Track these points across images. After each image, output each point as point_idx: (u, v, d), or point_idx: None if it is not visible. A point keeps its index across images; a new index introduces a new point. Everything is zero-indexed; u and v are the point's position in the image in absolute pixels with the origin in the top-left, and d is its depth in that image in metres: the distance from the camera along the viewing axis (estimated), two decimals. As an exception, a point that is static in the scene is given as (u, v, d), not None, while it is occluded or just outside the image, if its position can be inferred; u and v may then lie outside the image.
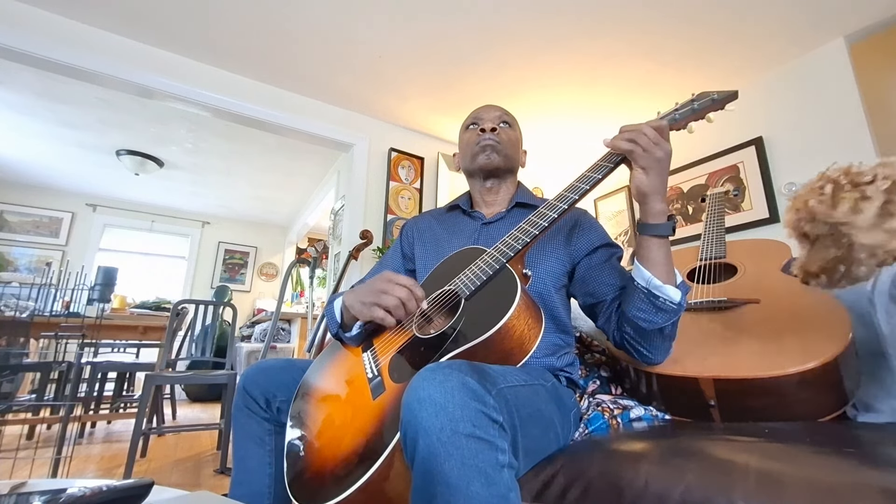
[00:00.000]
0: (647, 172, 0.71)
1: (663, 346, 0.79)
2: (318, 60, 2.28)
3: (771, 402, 0.73)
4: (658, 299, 0.73)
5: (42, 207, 4.29)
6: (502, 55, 2.22)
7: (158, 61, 2.18)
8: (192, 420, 3.16)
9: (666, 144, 0.72)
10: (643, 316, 0.74)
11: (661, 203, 0.73)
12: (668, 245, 0.75)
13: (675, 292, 0.73)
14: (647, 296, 0.74)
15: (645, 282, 0.74)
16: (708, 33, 2.04)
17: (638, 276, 0.75)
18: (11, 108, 2.89)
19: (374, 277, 0.80)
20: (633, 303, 0.76)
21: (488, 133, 0.99)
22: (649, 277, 0.73)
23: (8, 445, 1.87)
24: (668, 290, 0.72)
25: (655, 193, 0.72)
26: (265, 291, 5.29)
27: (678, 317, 0.75)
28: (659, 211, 0.73)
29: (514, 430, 0.57)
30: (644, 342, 0.78)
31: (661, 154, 0.71)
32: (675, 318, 0.75)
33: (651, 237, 0.74)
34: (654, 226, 0.74)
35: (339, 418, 0.66)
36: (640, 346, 0.79)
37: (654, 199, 0.73)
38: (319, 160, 3.59)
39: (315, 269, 2.46)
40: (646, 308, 0.74)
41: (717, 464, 0.56)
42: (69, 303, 2.63)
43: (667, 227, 0.74)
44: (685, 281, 0.76)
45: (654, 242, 0.74)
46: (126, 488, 0.51)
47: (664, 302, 0.72)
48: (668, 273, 0.74)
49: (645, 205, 0.74)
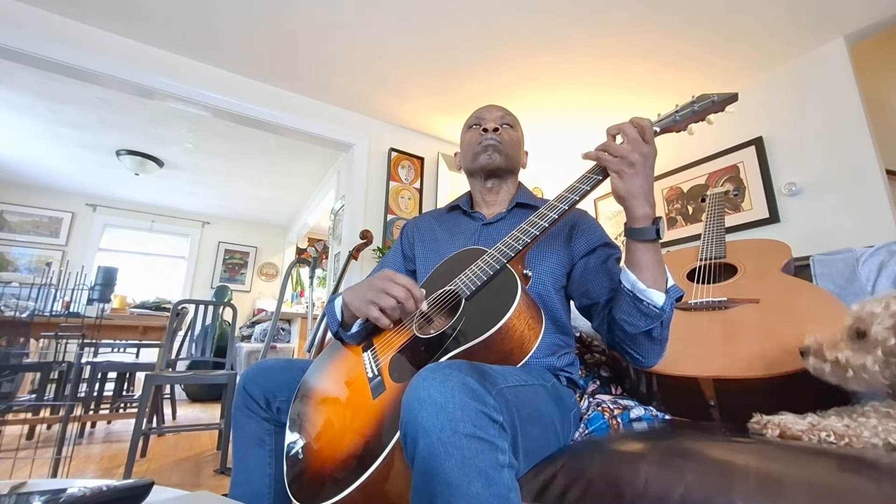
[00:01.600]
0: (621, 176, 0.70)
1: (653, 349, 0.78)
2: (319, 60, 2.28)
3: (771, 402, 0.73)
4: (641, 303, 0.72)
5: (42, 207, 4.29)
6: (502, 55, 2.22)
7: (158, 61, 2.18)
8: (192, 420, 3.16)
9: (644, 146, 0.70)
10: (628, 319, 0.74)
11: (644, 206, 0.71)
12: (657, 248, 0.73)
13: (659, 297, 0.71)
14: (632, 300, 0.73)
15: (630, 285, 0.73)
16: (708, 33, 2.04)
17: (624, 280, 0.74)
18: (11, 108, 2.89)
19: (374, 275, 0.80)
20: (619, 306, 0.75)
21: (490, 133, 0.99)
22: (634, 281, 0.72)
23: (8, 445, 1.87)
24: (652, 294, 0.71)
25: (634, 197, 0.71)
26: (265, 291, 5.29)
27: (662, 321, 0.74)
28: (641, 215, 0.71)
29: (514, 430, 0.57)
30: (633, 345, 0.78)
31: (637, 157, 0.69)
32: (657, 323, 0.73)
33: (636, 241, 0.73)
34: (638, 230, 0.72)
35: (339, 418, 0.66)
36: (630, 349, 0.79)
37: (634, 202, 0.71)
38: (319, 160, 3.59)
39: (315, 269, 2.46)
40: (630, 311, 0.73)
41: (716, 464, 0.56)
42: (69, 303, 2.63)
43: (650, 230, 0.71)
44: (676, 285, 0.74)
45: (639, 246, 0.72)
46: (126, 488, 0.51)
47: (647, 306, 0.71)
48: (655, 277, 0.72)
49: (626, 209, 0.73)
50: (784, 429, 0.65)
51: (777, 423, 0.66)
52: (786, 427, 0.65)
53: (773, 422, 0.67)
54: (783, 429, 0.65)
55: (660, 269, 0.73)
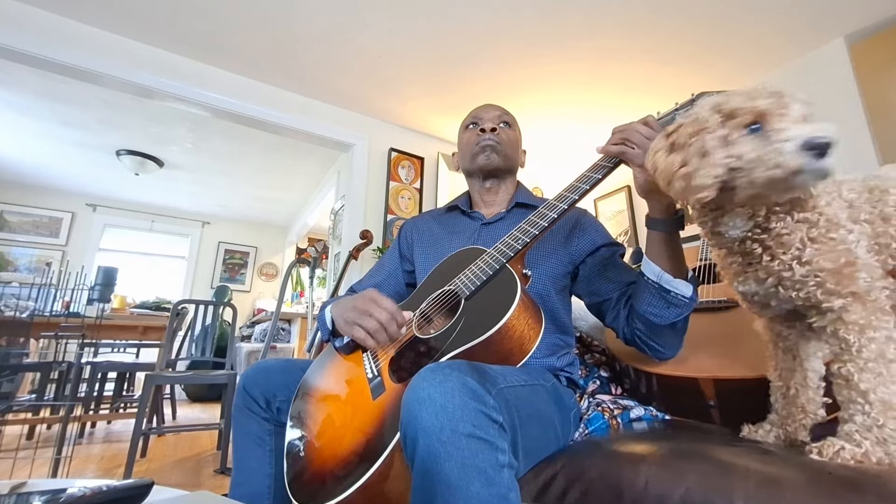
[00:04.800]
0: (644, 170, 0.70)
1: (675, 340, 0.79)
2: (319, 60, 2.28)
3: (771, 403, 0.73)
4: (669, 294, 0.72)
5: (42, 207, 4.29)
6: (502, 55, 2.22)
7: (158, 61, 2.18)
8: (192, 420, 3.16)
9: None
10: (654, 311, 0.74)
11: (667, 197, 0.71)
12: (679, 240, 0.74)
13: (686, 286, 0.72)
14: (658, 291, 0.73)
15: (656, 277, 0.73)
16: (708, 33, 2.04)
17: (648, 272, 0.74)
18: (11, 108, 2.89)
19: (358, 294, 0.78)
20: (643, 298, 0.75)
21: (488, 133, 0.99)
22: (660, 272, 0.72)
23: (8, 445, 1.87)
24: (679, 284, 0.72)
25: (658, 189, 0.70)
26: (265, 291, 5.29)
27: (690, 311, 0.75)
28: (665, 205, 0.72)
29: (513, 430, 0.57)
30: (655, 337, 0.78)
31: None
32: (687, 313, 0.74)
33: (660, 232, 0.73)
34: (663, 221, 0.73)
35: (339, 419, 0.66)
36: (651, 342, 0.78)
37: (658, 194, 0.71)
38: (319, 160, 3.58)
39: (315, 270, 2.45)
40: (657, 303, 0.73)
41: (717, 466, 0.55)
42: (69, 303, 2.63)
43: (675, 221, 0.73)
44: (694, 275, 0.76)
45: (663, 237, 0.73)
46: (126, 488, 0.51)
47: (675, 296, 0.72)
48: (678, 268, 0.73)
49: (651, 201, 0.73)
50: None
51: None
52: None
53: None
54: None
55: (681, 261, 0.74)
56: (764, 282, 0.59)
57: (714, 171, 0.53)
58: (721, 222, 0.61)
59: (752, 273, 0.60)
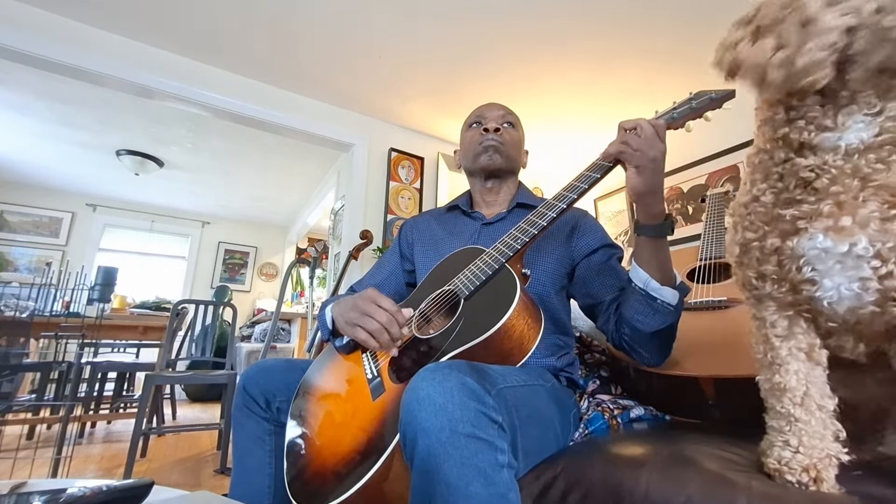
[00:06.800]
0: (640, 172, 0.70)
1: (661, 349, 0.78)
2: (319, 60, 2.28)
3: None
4: (655, 301, 0.72)
5: (42, 207, 4.29)
6: (502, 55, 2.21)
7: (158, 61, 2.18)
8: (192, 420, 3.16)
9: (660, 144, 0.70)
10: (640, 318, 0.74)
11: (661, 203, 0.72)
12: (667, 246, 0.74)
13: (673, 295, 0.72)
14: (644, 297, 0.73)
15: (642, 283, 0.73)
16: (708, 33, 2.04)
17: (635, 278, 0.74)
18: (11, 107, 2.89)
19: (358, 294, 0.78)
20: (630, 304, 0.75)
21: (491, 133, 0.98)
22: (647, 279, 0.72)
23: (8, 445, 1.87)
24: (665, 292, 0.71)
25: (651, 193, 0.71)
26: (265, 291, 5.29)
27: (675, 319, 0.74)
28: (658, 212, 0.72)
29: (513, 430, 0.56)
30: (642, 344, 0.77)
31: (655, 153, 0.69)
32: (671, 321, 0.74)
33: (649, 238, 0.73)
34: (652, 226, 0.73)
35: (339, 419, 0.66)
36: (638, 348, 0.78)
37: (650, 198, 0.71)
38: (319, 160, 3.58)
39: (315, 270, 2.45)
40: (643, 310, 0.73)
41: (718, 475, 0.55)
42: (69, 303, 2.63)
43: (664, 227, 0.72)
44: (684, 282, 0.76)
45: (651, 243, 0.73)
46: (126, 488, 0.51)
47: (661, 304, 0.72)
48: (665, 275, 0.73)
49: (641, 205, 0.73)
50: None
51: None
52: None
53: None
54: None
55: (669, 268, 0.73)
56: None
57: (827, 37, 0.37)
58: (825, 126, 0.42)
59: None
